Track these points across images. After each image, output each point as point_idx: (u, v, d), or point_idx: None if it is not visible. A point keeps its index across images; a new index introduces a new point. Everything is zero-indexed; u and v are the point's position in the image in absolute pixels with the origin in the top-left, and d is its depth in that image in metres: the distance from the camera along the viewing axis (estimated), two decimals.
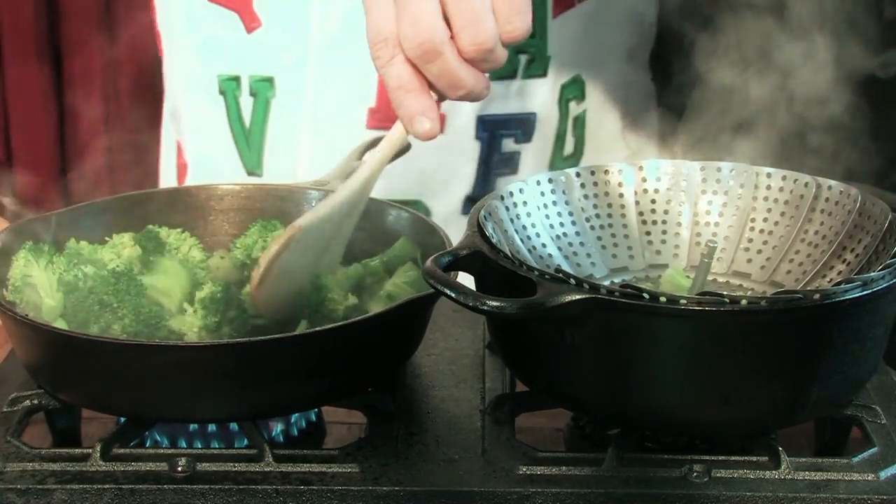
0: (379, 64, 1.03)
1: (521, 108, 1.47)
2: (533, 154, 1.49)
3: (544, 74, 1.47)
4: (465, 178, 1.48)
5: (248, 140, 1.47)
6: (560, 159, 1.52)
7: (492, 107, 1.46)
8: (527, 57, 1.45)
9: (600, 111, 1.56)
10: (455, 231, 1.15)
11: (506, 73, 1.45)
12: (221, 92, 1.47)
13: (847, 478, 0.99)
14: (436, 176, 1.48)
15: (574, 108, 1.53)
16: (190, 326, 1.07)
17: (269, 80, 1.45)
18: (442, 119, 1.43)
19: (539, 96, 1.47)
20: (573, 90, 1.51)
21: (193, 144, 1.54)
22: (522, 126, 1.48)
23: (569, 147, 1.54)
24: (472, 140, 1.47)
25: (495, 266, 0.99)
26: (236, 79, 1.46)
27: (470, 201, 1.48)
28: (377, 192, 1.16)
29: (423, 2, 1.01)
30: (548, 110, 1.49)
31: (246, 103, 1.46)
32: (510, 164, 1.49)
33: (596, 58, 1.53)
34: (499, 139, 1.47)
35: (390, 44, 1.02)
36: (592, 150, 1.57)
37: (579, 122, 1.54)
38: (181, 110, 1.55)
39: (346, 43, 1.42)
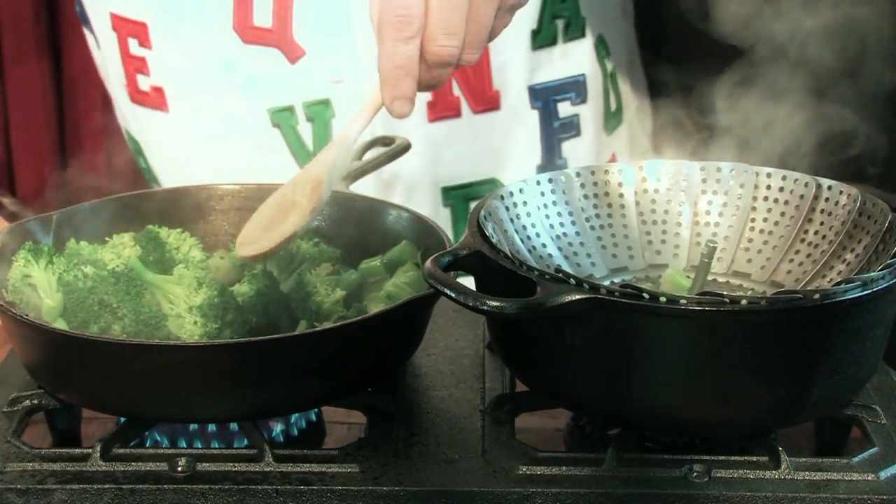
0: (397, 36, 1.02)
1: (570, 72, 1.49)
2: (591, 113, 1.51)
3: (583, 35, 1.48)
4: (531, 148, 1.49)
5: None
6: (610, 117, 1.54)
7: (539, 75, 1.47)
8: (563, 21, 1.46)
9: (619, 66, 1.57)
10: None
11: (547, 41, 1.45)
12: (275, 125, 1.46)
13: (847, 478, 0.99)
14: (503, 152, 1.48)
15: (608, 65, 1.54)
16: (190, 334, 1.07)
17: (325, 102, 1.45)
18: (496, 96, 1.43)
19: (583, 57, 1.49)
20: (602, 49, 1.52)
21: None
22: (575, 88, 1.49)
23: (613, 103, 1.55)
24: (529, 110, 1.48)
25: (495, 266, 0.99)
26: (290, 108, 1.45)
27: (543, 170, 1.49)
28: (449, 179, 1.15)
29: None
30: (593, 69, 1.50)
31: (304, 129, 1.46)
32: (571, 127, 1.50)
33: (607, 15, 1.54)
34: (554, 105, 1.48)
35: (416, 23, 1.01)
36: (629, 106, 1.58)
37: (614, 78, 1.55)
38: (213, 155, 1.52)
39: None
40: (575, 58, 1.48)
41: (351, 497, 0.97)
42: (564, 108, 1.49)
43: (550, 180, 1.15)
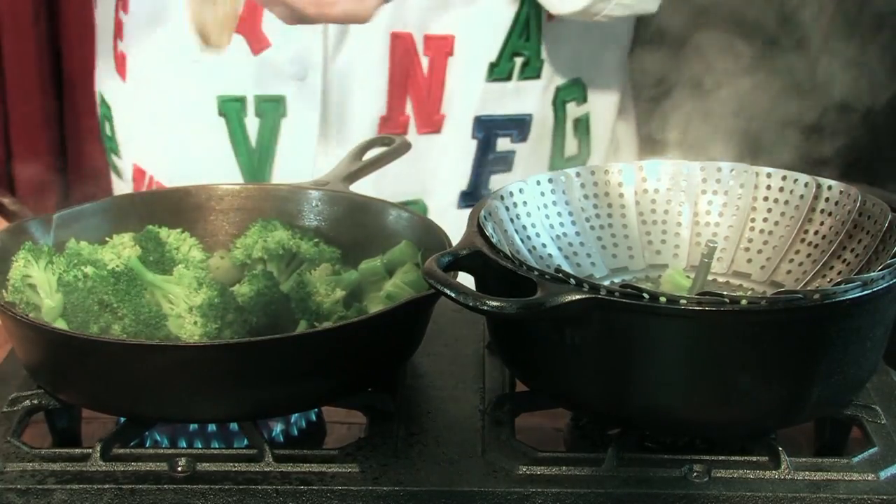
0: None
1: (517, 110, 1.49)
2: (529, 154, 1.51)
3: (538, 77, 1.49)
4: (461, 175, 1.50)
5: (253, 160, 1.47)
6: (561, 160, 1.54)
7: (488, 107, 1.48)
8: (522, 60, 1.47)
9: (605, 112, 1.57)
10: (450, 224, 1.17)
11: (502, 76, 1.47)
12: (222, 114, 1.47)
13: (847, 478, 0.99)
14: (434, 175, 1.50)
15: (574, 110, 1.54)
16: (190, 335, 1.07)
17: (279, 100, 1.45)
18: (441, 120, 1.43)
19: (533, 98, 1.49)
20: (572, 92, 1.52)
21: (177, 167, 1.53)
22: (517, 126, 1.50)
23: (571, 148, 1.55)
24: (469, 139, 1.49)
25: (495, 266, 0.99)
26: (241, 99, 1.46)
27: (466, 195, 1.50)
28: (387, 194, 1.17)
29: None
30: (542, 111, 1.50)
31: (251, 123, 1.46)
32: (505, 162, 1.51)
33: (595, 59, 1.53)
34: (494, 138, 1.49)
35: None
36: (599, 151, 1.58)
37: (581, 123, 1.55)
38: (159, 133, 1.53)
39: (357, 55, 1.43)
40: (526, 97, 1.49)
41: (351, 497, 0.97)
42: (503, 143, 1.50)
43: (550, 180, 1.15)
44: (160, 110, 1.52)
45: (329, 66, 1.44)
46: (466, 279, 1.02)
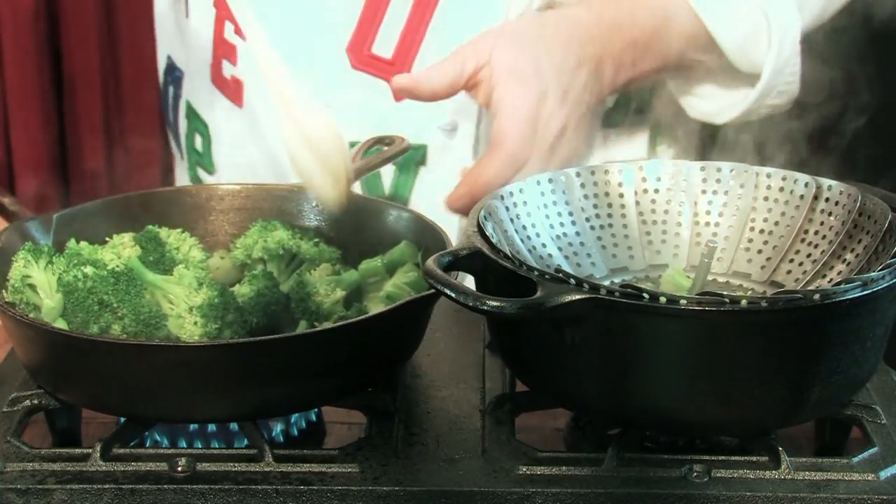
0: None
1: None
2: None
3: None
4: None
5: None
6: None
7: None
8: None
9: None
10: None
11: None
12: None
13: (847, 478, 0.99)
14: None
15: None
16: (190, 335, 1.07)
17: (420, 149, 1.40)
18: None
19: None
20: None
21: None
22: None
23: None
24: None
25: (495, 266, 0.99)
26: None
27: None
28: None
29: None
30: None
31: (385, 172, 1.42)
32: None
33: None
34: None
35: None
36: None
37: None
38: (277, 168, 1.46)
39: None
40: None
41: (351, 497, 0.97)
42: None
43: (550, 180, 1.15)
44: (279, 147, 1.40)
45: (483, 118, 1.38)
46: (467, 279, 1.02)
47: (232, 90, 1.49)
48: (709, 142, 1.44)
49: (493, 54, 1.24)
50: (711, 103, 1.39)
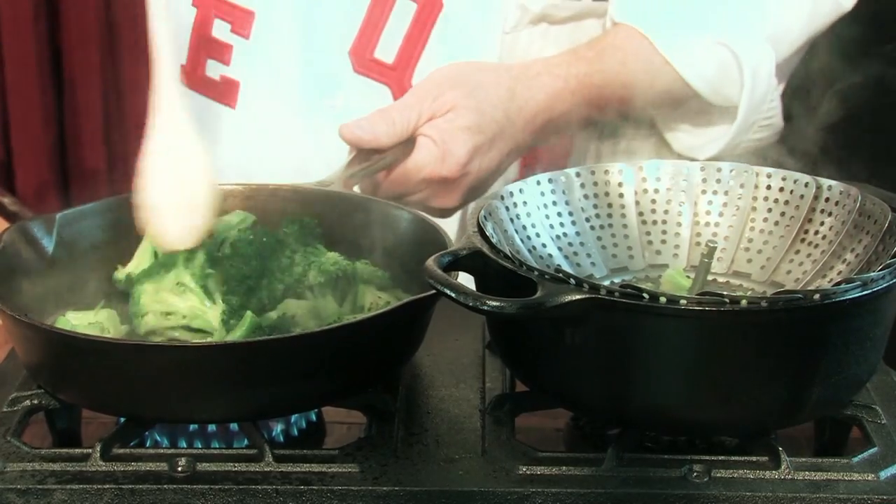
0: None
1: None
2: None
3: None
4: None
5: None
6: None
7: None
8: None
9: None
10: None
11: None
12: None
13: (847, 478, 0.99)
14: None
15: None
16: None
17: None
18: None
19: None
20: None
21: None
22: None
23: None
24: None
25: (495, 266, 0.99)
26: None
27: None
28: None
29: None
30: None
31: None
32: None
33: None
34: None
35: None
36: None
37: None
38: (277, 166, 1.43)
39: None
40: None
41: (351, 497, 0.97)
42: None
43: (550, 180, 1.15)
44: (280, 151, 1.44)
45: None
46: (467, 279, 1.02)
47: (220, 91, 1.47)
48: None
49: (445, 114, 1.26)
50: (694, 138, 1.41)
